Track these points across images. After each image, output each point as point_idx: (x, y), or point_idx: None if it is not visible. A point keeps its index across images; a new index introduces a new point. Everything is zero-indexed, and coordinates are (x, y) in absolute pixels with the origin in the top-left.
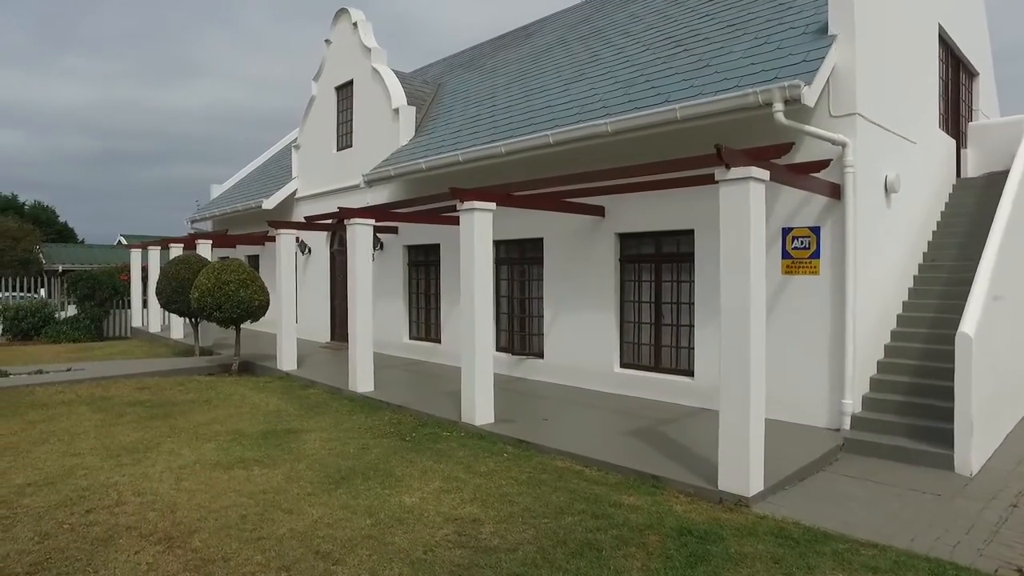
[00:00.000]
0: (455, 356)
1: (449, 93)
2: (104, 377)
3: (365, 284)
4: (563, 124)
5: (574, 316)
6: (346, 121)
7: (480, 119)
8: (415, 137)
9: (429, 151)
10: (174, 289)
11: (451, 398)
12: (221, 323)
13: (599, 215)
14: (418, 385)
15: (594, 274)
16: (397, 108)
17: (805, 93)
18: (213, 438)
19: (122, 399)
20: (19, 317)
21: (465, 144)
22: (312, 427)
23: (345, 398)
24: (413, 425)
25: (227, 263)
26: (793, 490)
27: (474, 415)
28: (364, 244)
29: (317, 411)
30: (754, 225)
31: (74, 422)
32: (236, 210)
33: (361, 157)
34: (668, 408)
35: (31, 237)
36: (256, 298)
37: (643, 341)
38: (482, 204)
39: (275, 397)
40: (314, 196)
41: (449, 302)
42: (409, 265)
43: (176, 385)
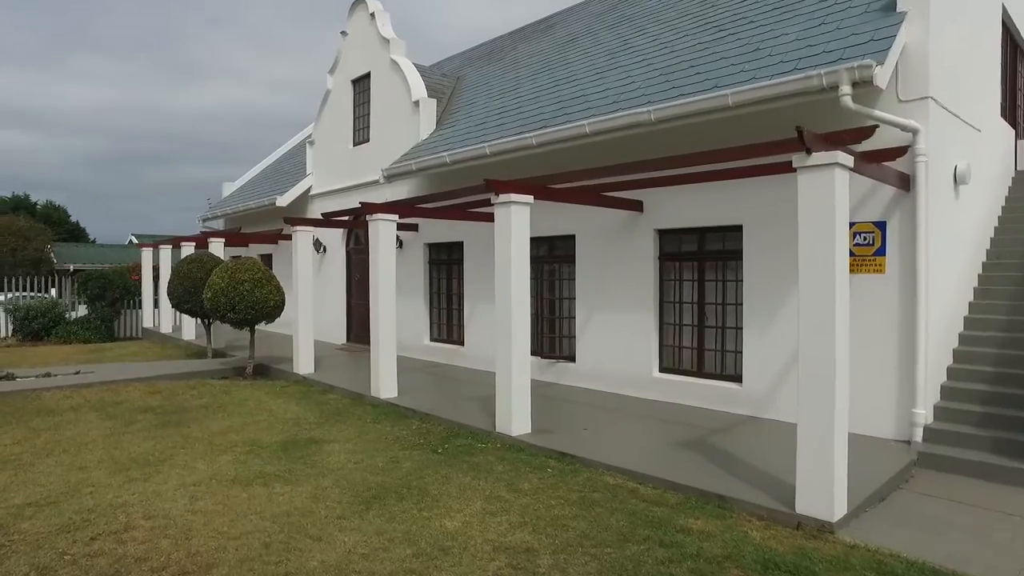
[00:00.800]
0: (479, 359)
1: (470, 86)
2: (114, 381)
3: (388, 284)
4: (599, 113)
5: (609, 317)
6: (363, 115)
7: (506, 111)
8: (436, 131)
9: (452, 144)
10: (186, 289)
11: (481, 405)
12: (235, 324)
13: (637, 210)
14: (444, 390)
15: (631, 273)
16: (417, 100)
17: (877, 74)
18: (229, 449)
19: (132, 405)
20: (29, 317)
21: (491, 136)
22: (335, 437)
23: (368, 404)
24: (443, 435)
25: (241, 262)
26: (876, 513)
27: (510, 425)
28: (387, 241)
29: (339, 419)
30: (839, 217)
31: (81, 430)
32: (249, 208)
33: (379, 152)
34: (714, 416)
35: (42, 237)
36: (271, 298)
37: (684, 344)
38: (520, 197)
39: (293, 403)
40: (329, 193)
41: (473, 302)
42: (430, 264)
43: (189, 389)
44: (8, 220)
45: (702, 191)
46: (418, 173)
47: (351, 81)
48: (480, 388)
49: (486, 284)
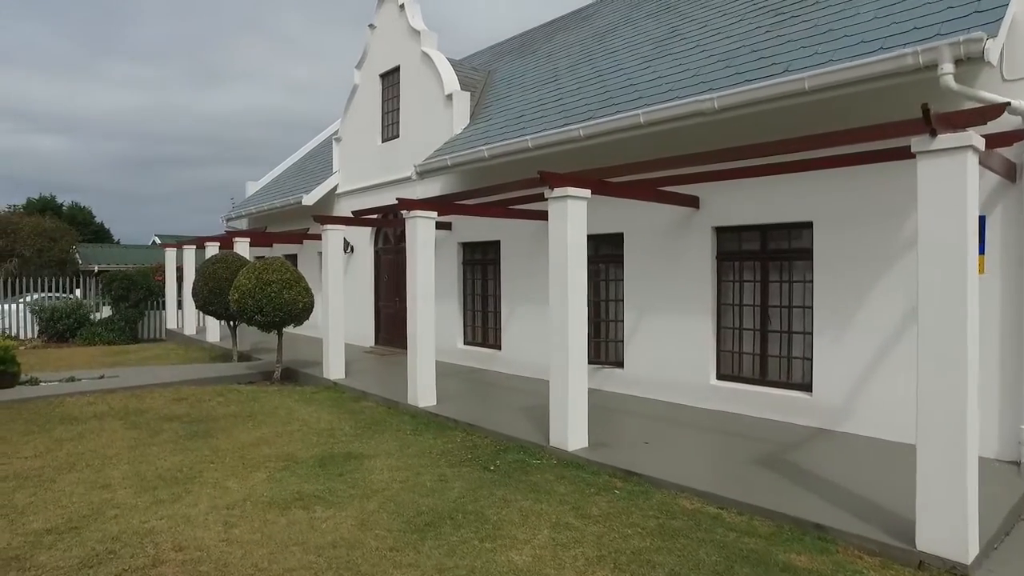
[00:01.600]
0: (518, 364)
1: (502, 80)
2: (139, 386)
3: (427, 284)
4: (653, 103)
5: (661, 321)
6: (392, 110)
7: (546, 103)
8: (470, 125)
9: (489, 138)
10: (211, 290)
11: (528, 415)
12: (262, 327)
13: (692, 206)
14: (485, 398)
15: (685, 274)
16: (450, 94)
17: (989, 48)
18: (262, 464)
19: (158, 412)
20: (55, 319)
21: (531, 129)
22: (375, 451)
23: (405, 414)
24: (492, 450)
25: (269, 262)
26: (1006, 550)
27: (566, 439)
28: (426, 239)
29: (376, 430)
30: (971, 210)
31: (105, 441)
32: (274, 207)
33: (409, 148)
34: (781, 429)
35: (68, 237)
36: (300, 300)
37: (745, 350)
38: (577, 191)
39: (325, 411)
40: (357, 191)
41: (511, 304)
42: (464, 264)
43: (215, 396)
44: (34, 221)
45: (765, 185)
46: (453, 169)
47: (379, 75)
48: (524, 396)
49: (525, 285)
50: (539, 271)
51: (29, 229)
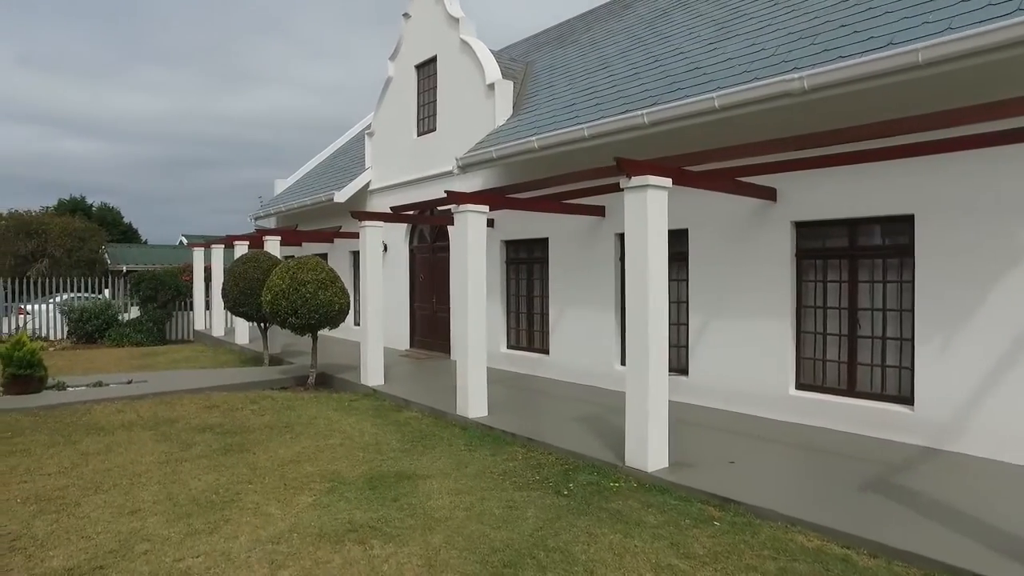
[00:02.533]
0: (567, 370)
1: (543, 70)
2: (168, 392)
3: (478, 285)
4: (728, 85)
5: (731, 325)
6: (428, 103)
7: (598, 90)
8: (513, 116)
9: (538, 128)
10: (241, 291)
11: (592, 428)
12: (296, 330)
13: (768, 199)
14: (540, 408)
15: (759, 273)
16: (492, 83)
17: None
18: (306, 485)
19: (189, 422)
20: (84, 319)
21: (587, 117)
22: (428, 469)
23: (454, 425)
24: (560, 469)
25: (303, 261)
26: None
27: (645, 458)
28: (477, 235)
29: (425, 444)
30: None
31: (134, 455)
32: (304, 205)
33: (447, 142)
34: (880, 447)
35: (97, 237)
36: (336, 301)
37: (829, 357)
38: (657, 179)
39: (368, 422)
40: (391, 187)
41: (560, 306)
42: (507, 263)
43: (248, 403)
44: (64, 221)
45: (856, 175)
46: (498, 162)
47: (415, 67)
48: (581, 406)
49: (576, 286)
50: (592, 270)
51: (59, 229)
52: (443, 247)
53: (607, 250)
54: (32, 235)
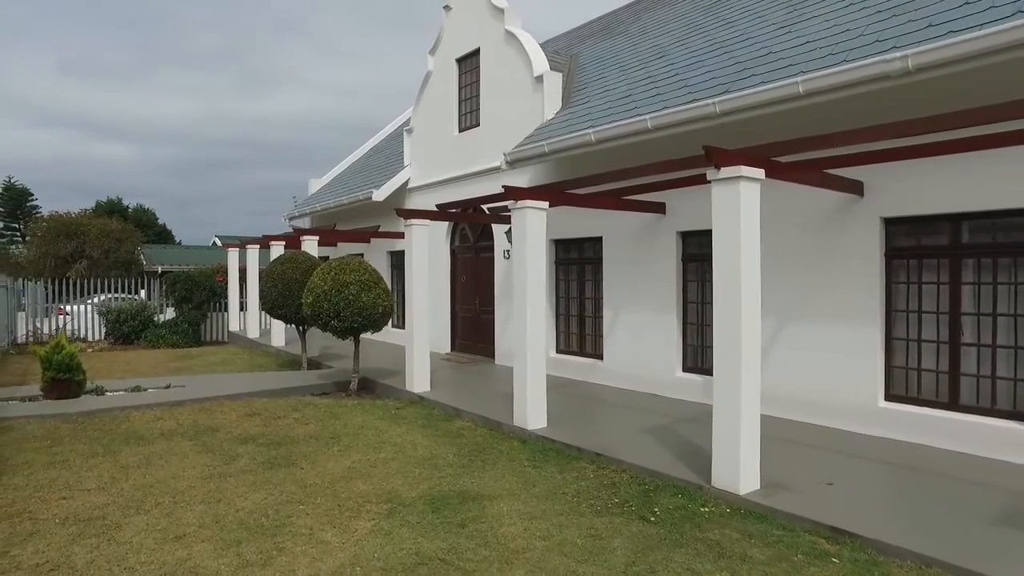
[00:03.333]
0: (623, 376)
1: (591, 61)
2: (206, 398)
3: (538, 286)
4: (812, 69)
5: (806, 330)
6: (470, 97)
7: (657, 80)
8: (563, 109)
9: (593, 121)
10: (280, 292)
11: (665, 442)
12: (338, 333)
13: (854, 192)
14: (600, 419)
15: (840, 273)
16: (540, 75)
17: None
18: (362, 507)
19: (230, 432)
20: (120, 320)
21: (649, 108)
22: (494, 489)
23: (512, 437)
24: (639, 490)
25: (346, 261)
26: None
27: (736, 479)
28: (537, 233)
29: (485, 459)
30: None
31: (176, 469)
32: (341, 204)
33: (491, 137)
34: (992, 468)
35: (133, 238)
36: (380, 303)
37: (925, 366)
38: (751, 171)
39: (418, 433)
40: (431, 185)
41: (615, 309)
42: (556, 264)
43: (290, 410)
44: (103, 222)
45: (960, 165)
46: (549, 157)
47: (456, 60)
48: (645, 416)
49: (633, 287)
50: (651, 271)
51: (97, 231)
52: (487, 247)
53: (668, 249)
54: (71, 236)
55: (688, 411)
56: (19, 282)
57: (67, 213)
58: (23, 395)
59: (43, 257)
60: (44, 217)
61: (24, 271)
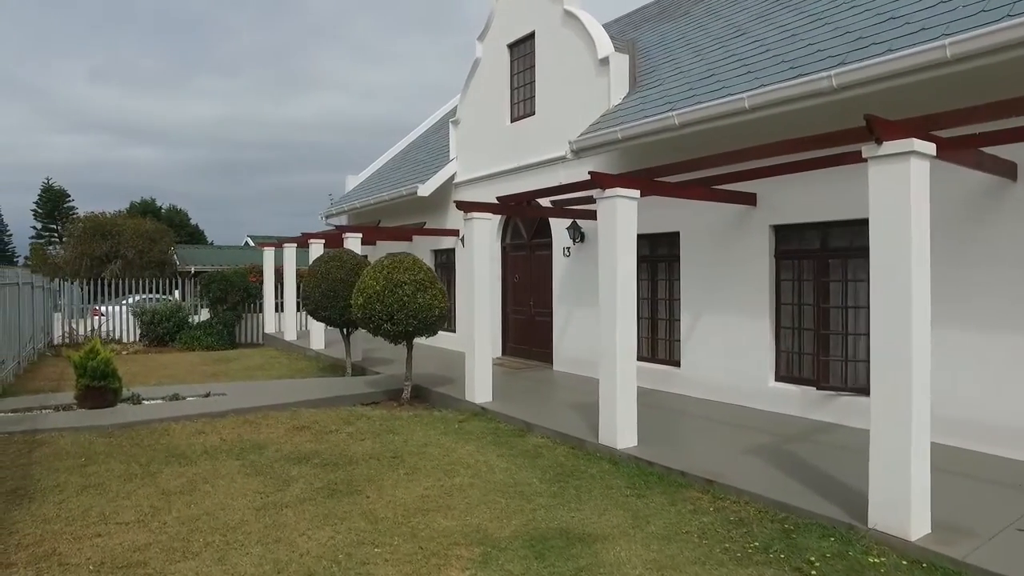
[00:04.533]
0: (705, 385)
1: (653, 45)
2: (250, 409)
3: (628, 286)
4: (954, 32)
5: (956, 337)
6: (525, 84)
7: (746, 57)
8: (632, 93)
9: (671, 103)
10: (323, 293)
11: (784, 466)
12: (391, 338)
13: (1007, 177)
14: (693, 435)
15: (990, 270)
16: (606, 57)
17: None
18: (449, 551)
19: (280, 449)
20: (155, 322)
21: (739, 87)
22: (599, 526)
23: (600, 458)
24: (774, 528)
25: (399, 259)
26: None
27: (905, 522)
28: (627, 225)
29: (577, 485)
30: None
31: (224, 497)
32: (382, 200)
33: (548, 126)
34: None
35: (167, 238)
36: (436, 305)
37: None
38: (923, 145)
39: (491, 452)
40: (481, 179)
41: (695, 312)
42: None
43: (341, 423)
44: (137, 222)
45: None
46: (623, 144)
47: (507, 46)
48: (745, 433)
49: (717, 288)
50: (738, 270)
51: (131, 231)
52: (543, 244)
53: (758, 244)
54: (106, 236)
55: (790, 427)
56: (55, 282)
57: (102, 213)
58: (57, 403)
59: (79, 257)
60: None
61: (61, 271)
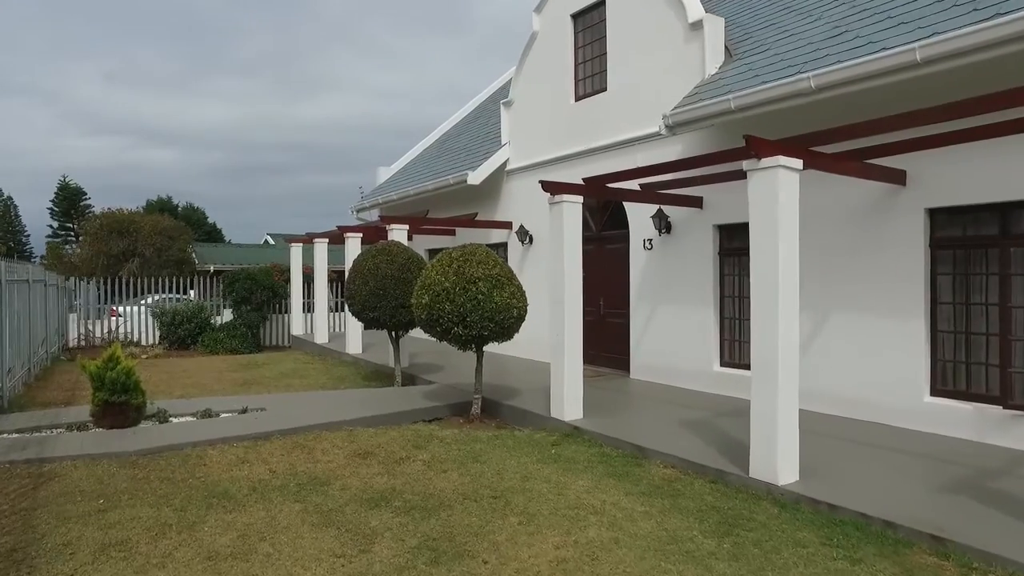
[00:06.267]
0: (836, 399)
1: (743, 10)
2: (297, 428)
3: (791, 282)
4: None
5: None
6: (592, 58)
7: (877, 12)
8: (732, 61)
9: (798, 67)
10: (372, 291)
11: (1012, 512)
12: (462, 343)
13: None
14: (857, 465)
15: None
16: (698, 21)
17: None
18: None
19: (346, 485)
20: (176, 323)
21: (892, 41)
22: None
23: (758, 497)
24: None
25: (470, 250)
26: None
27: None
28: (789, 205)
29: (752, 539)
30: None
31: (291, 564)
32: (426, 190)
33: (623, 104)
34: None
35: (185, 236)
36: (514, 305)
37: None
38: None
39: (615, 489)
40: (538, 166)
41: (822, 311)
42: (721, 255)
43: (411, 447)
44: (155, 219)
45: None
46: (735, 115)
47: (571, 16)
48: (927, 464)
49: (852, 284)
50: (877, 262)
51: (149, 228)
52: (617, 236)
53: (908, 232)
54: (123, 234)
55: (977, 455)
56: (70, 281)
57: (119, 210)
58: (70, 421)
59: (96, 256)
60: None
61: (77, 270)
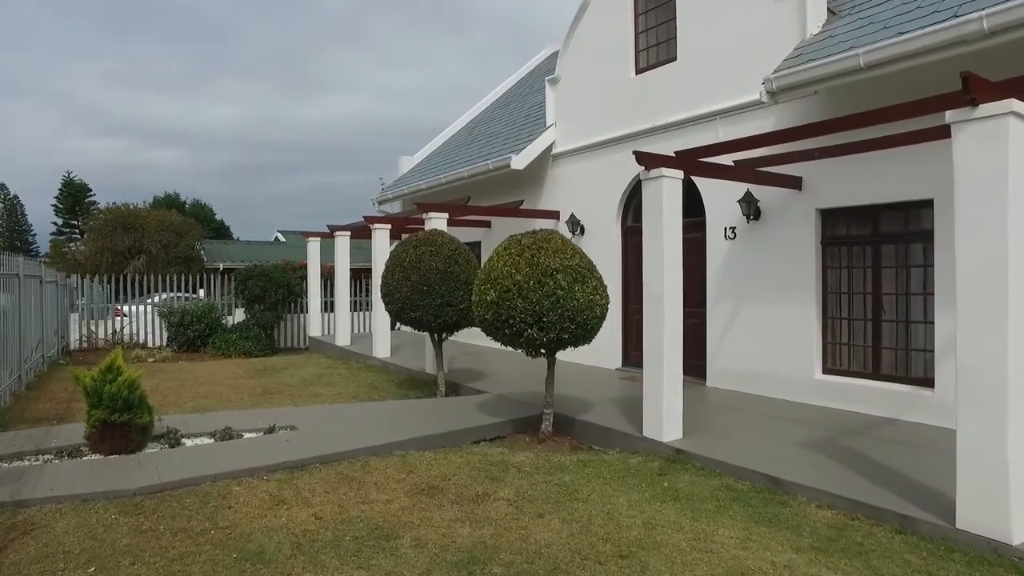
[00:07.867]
0: None
1: None
2: (338, 454)
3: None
4: None
5: None
6: (657, 24)
7: None
8: (834, 19)
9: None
10: (414, 287)
11: None
12: (533, 348)
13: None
14: None
15: None
16: None
17: None
18: None
19: (419, 539)
20: (184, 323)
21: None
22: None
23: (970, 555)
24: None
25: (542, 236)
26: None
27: None
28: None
29: None
30: None
31: None
32: (460, 177)
33: (697, 74)
34: None
35: (194, 232)
36: (597, 303)
37: None
38: None
39: (778, 543)
40: (591, 148)
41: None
42: (824, 244)
43: (484, 478)
44: (162, 214)
45: None
46: (864, 73)
47: None
48: None
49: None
50: None
51: (156, 223)
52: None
53: None
54: (129, 229)
55: None
56: (72, 279)
57: (125, 205)
58: (61, 445)
59: (100, 252)
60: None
61: (81, 267)
